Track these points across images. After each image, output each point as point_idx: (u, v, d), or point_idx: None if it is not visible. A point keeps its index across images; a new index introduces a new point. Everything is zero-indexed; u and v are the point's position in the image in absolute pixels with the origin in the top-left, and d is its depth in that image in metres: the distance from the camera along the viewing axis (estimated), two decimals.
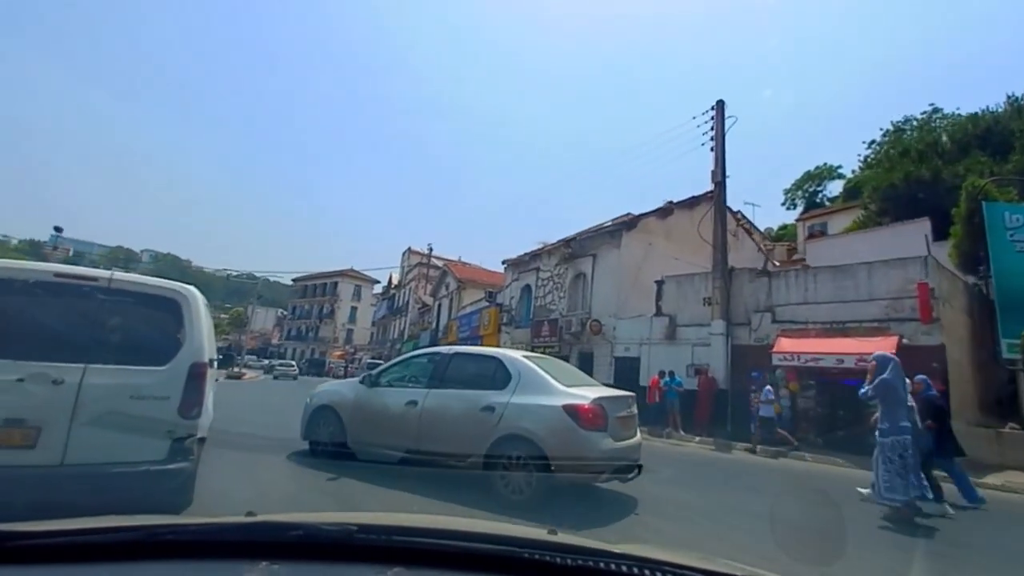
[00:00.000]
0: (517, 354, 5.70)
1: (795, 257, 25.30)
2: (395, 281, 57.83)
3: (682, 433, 12.98)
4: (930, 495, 5.93)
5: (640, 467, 5.18)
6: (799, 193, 44.24)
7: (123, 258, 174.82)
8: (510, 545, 1.15)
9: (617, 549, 1.15)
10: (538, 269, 22.25)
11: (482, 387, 5.28)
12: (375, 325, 62.92)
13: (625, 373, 16.62)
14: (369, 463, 5.61)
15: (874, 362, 6.06)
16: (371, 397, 5.98)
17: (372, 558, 1.11)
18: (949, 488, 6.58)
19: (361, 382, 6.34)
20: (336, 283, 71.01)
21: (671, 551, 1.21)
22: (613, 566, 1.07)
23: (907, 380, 6.07)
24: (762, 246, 23.10)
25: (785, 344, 12.68)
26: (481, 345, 25.69)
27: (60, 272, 3.79)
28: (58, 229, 32.85)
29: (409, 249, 54.34)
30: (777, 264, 21.51)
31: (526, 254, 23.02)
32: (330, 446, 5.99)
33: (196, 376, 3.78)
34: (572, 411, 4.76)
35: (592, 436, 4.74)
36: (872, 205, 22.10)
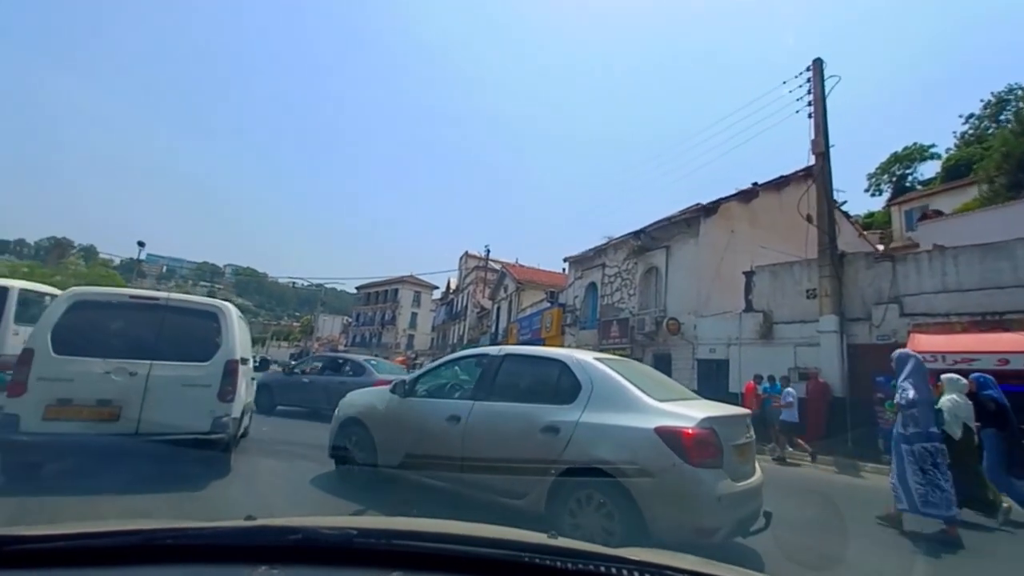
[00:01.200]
0: (587, 355, 4.28)
1: (894, 245, 21.98)
2: (453, 286, 57.55)
3: (790, 450, 10.78)
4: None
5: (769, 515, 3.73)
6: (885, 177, 40.00)
7: (209, 272, 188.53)
8: (510, 549, 1.13)
9: (617, 553, 1.13)
10: (603, 265, 20.40)
11: (543, 400, 4.01)
12: (435, 330, 62.93)
13: (710, 378, 14.49)
14: (405, 490, 4.60)
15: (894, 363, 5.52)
16: (404, 410, 4.82)
17: (372, 562, 1.09)
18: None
19: (392, 391, 5.04)
20: (396, 290, 71.91)
21: (671, 555, 1.20)
22: (614, 570, 1.05)
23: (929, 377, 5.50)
24: (862, 233, 20.08)
25: (922, 342, 10.19)
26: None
27: (134, 295, 5.44)
28: (141, 244, 34.47)
29: (466, 253, 53.78)
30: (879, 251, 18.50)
31: (590, 250, 21.24)
32: (358, 467, 4.96)
33: (230, 371, 5.11)
34: (672, 436, 3.35)
35: (702, 475, 3.30)
36: (1000, 179, 18.60)
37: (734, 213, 16.53)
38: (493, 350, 4.81)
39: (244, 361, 5.80)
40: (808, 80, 13.75)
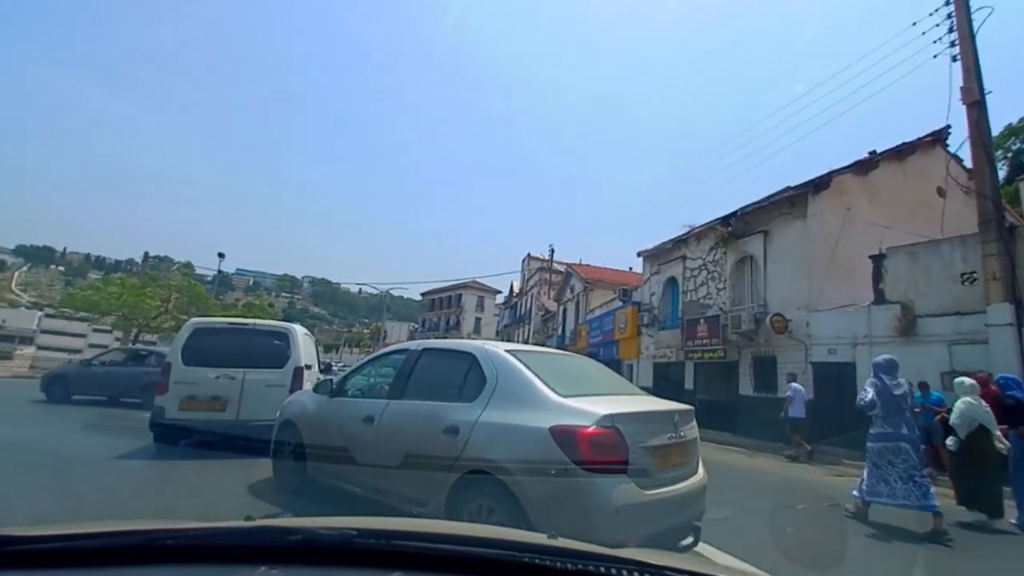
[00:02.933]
0: (501, 346, 3.87)
1: None
2: (516, 289, 56.29)
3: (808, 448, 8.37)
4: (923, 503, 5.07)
5: (697, 530, 3.20)
6: (999, 153, 34.35)
7: (288, 284, 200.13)
8: (510, 549, 1.11)
9: (617, 553, 1.11)
10: (684, 258, 18.09)
11: (450, 397, 3.65)
12: (499, 335, 61.91)
13: (830, 383, 11.93)
14: (325, 494, 4.32)
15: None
16: (329, 411, 4.55)
17: (371, 562, 1.08)
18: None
19: (315, 390, 4.86)
20: (460, 295, 71.73)
21: (671, 555, 1.21)
22: (614, 570, 1.03)
23: (903, 382, 5.59)
24: (1007, 209, 16.46)
25: None
26: (618, 352, 22.02)
27: (232, 322, 8.16)
28: (221, 255, 35.70)
29: (528, 255, 52.31)
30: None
31: (668, 242, 18.97)
32: (290, 475, 4.74)
33: (297, 375, 6.96)
34: (565, 437, 2.87)
35: (598, 482, 2.79)
36: None
37: (849, 188, 13.80)
38: (413, 345, 4.56)
39: (308, 367, 7.35)
40: (949, 16, 10.99)
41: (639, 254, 20.85)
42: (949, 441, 5.93)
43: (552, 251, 36.43)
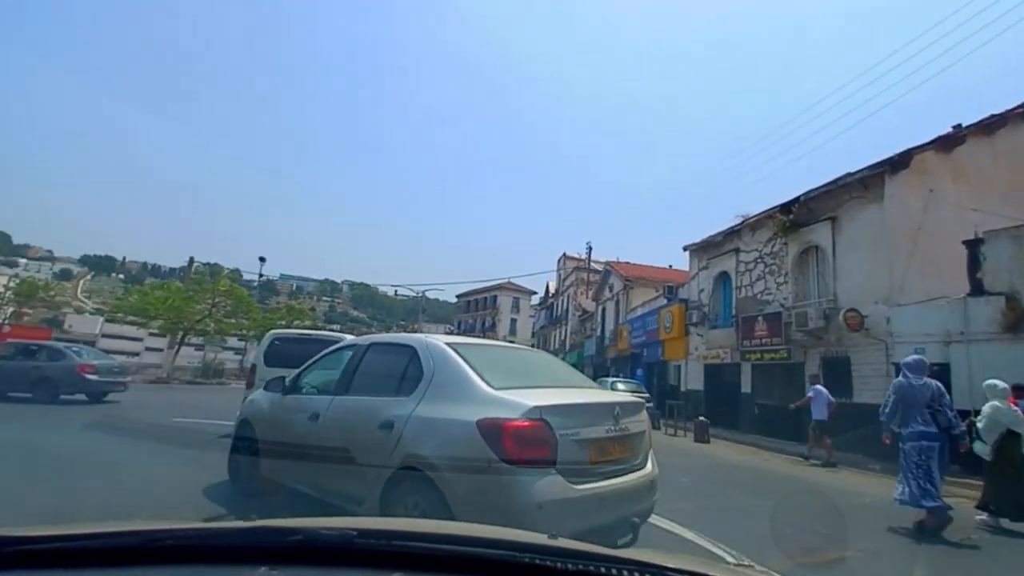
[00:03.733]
0: (442, 339, 3.65)
1: None
2: (552, 289, 55.25)
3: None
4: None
5: (636, 526, 3.05)
6: None
7: (329, 287, 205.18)
8: (510, 549, 1.09)
9: (617, 554, 1.10)
10: (737, 251, 16.71)
11: (389, 392, 3.42)
12: (535, 336, 60.98)
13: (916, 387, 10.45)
14: (289, 501, 3.95)
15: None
16: (281, 408, 4.35)
17: (372, 563, 1.07)
18: None
19: (267, 387, 4.64)
20: (495, 296, 71.23)
21: (673, 556, 1.18)
22: (615, 571, 1.01)
23: (931, 382, 5.48)
24: None
25: None
26: (663, 353, 20.74)
27: (300, 333, 9.91)
28: (262, 259, 36.21)
29: (564, 255, 51.22)
30: None
31: (718, 234, 17.61)
32: (244, 474, 4.59)
33: None
34: (490, 430, 2.70)
35: (520, 476, 2.64)
36: None
37: (931, 167, 12.21)
38: (362, 340, 4.53)
39: None
40: None
41: (685, 248, 19.53)
42: (978, 446, 5.87)
43: (590, 249, 35.34)
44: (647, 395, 17.32)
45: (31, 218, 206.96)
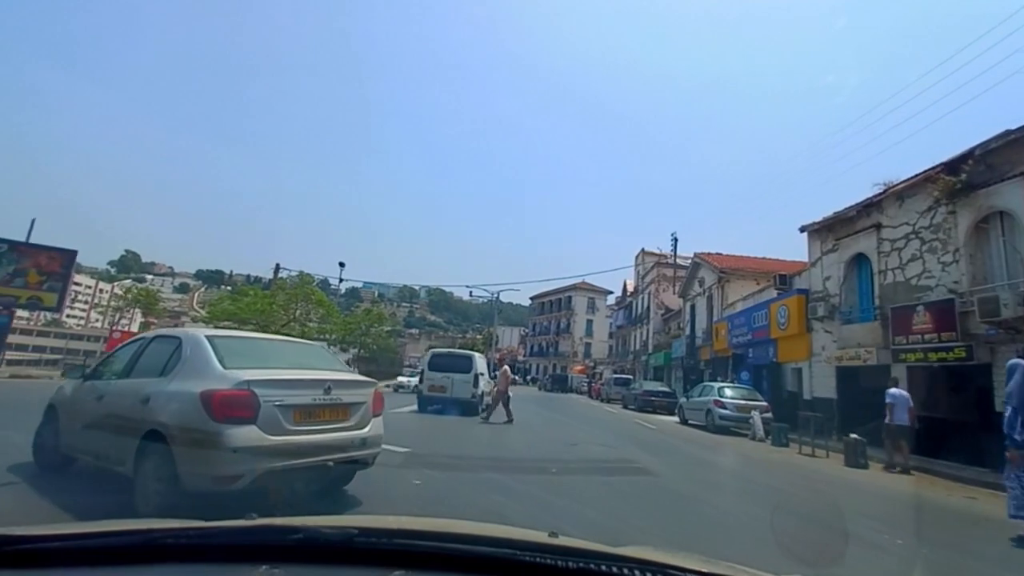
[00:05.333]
0: (206, 332, 4.42)
1: None
2: (630, 288, 52.00)
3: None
4: None
5: (330, 465, 3.93)
6: None
7: (408, 293, 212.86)
8: (510, 548, 1.10)
9: (618, 552, 1.10)
10: (879, 226, 13.40)
11: (155, 374, 4.08)
12: (612, 337, 57.89)
13: None
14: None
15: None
16: (80, 393, 4.76)
17: (373, 561, 1.07)
18: None
19: (63, 374, 5.40)
20: (570, 297, 68.79)
21: (673, 554, 1.15)
22: (615, 569, 1.02)
23: None
24: None
25: None
26: (776, 354, 17.55)
27: (449, 351, 17.27)
28: (342, 264, 36.64)
29: (642, 251, 47.89)
30: None
31: (850, 209, 14.32)
32: (46, 452, 4.86)
33: (476, 376, 14.70)
34: (206, 398, 3.55)
35: (225, 430, 3.47)
36: None
37: None
38: (150, 333, 5.01)
39: (481, 374, 15.15)
40: None
41: (802, 229, 16.31)
42: None
43: (675, 240, 32.30)
44: (765, 404, 14.43)
45: (158, 237, 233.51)
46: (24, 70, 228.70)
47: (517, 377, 59.17)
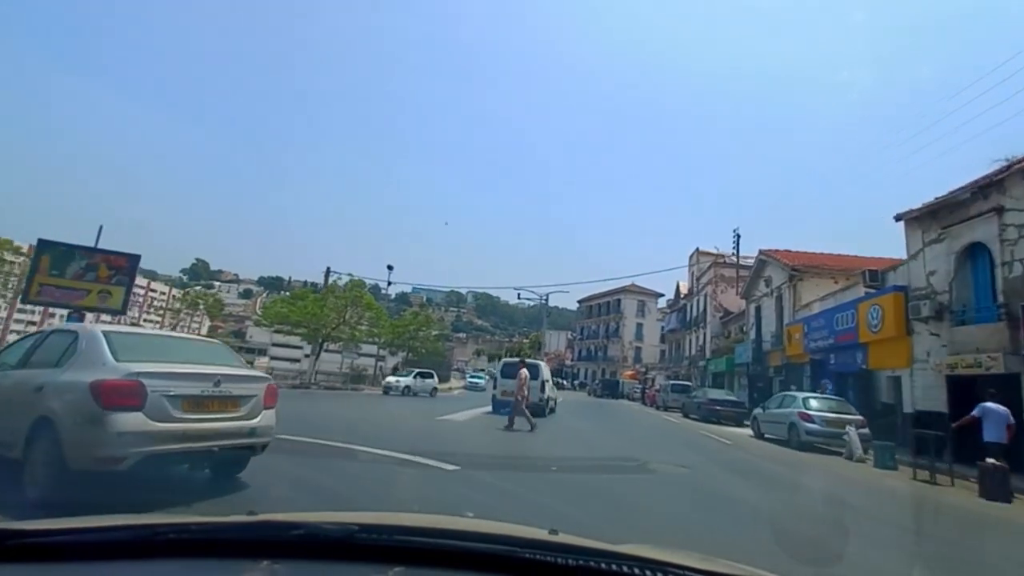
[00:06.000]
0: (101, 327, 4.88)
1: None
2: (684, 290, 49.44)
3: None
4: None
5: (215, 451, 4.21)
6: None
7: (455, 298, 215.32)
8: (511, 545, 1.10)
9: (619, 549, 1.10)
10: (1000, 210, 11.25)
11: (50, 365, 4.32)
12: (665, 341, 55.27)
13: None
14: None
15: None
16: None
17: (373, 558, 1.06)
18: None
19: None
20: (619, 300, 66.53)
21: (673, 551, 1.15)
22: (615, 566, 1.01)
23: None
24: None
25: None
26: (867, 360, 15.41)
27: (520, 360, 15.96)
28: (390, 267, 36.65)
29: (697, 251, 45.37)
30: None
31: (960, 191, 12.22)
32: None
33: (545, 380, 17.12)
34: (96, 387, 3.82)
35: (110, 416, 3.75)
36: None
37: None
38: (48, 328, 5.21)
39: (547, 380, 17.62)
40: None
41: (898, 218, 14.18)
42: None
43: (737, 237, 29.93)
44: (861, 418, 12.50)
45: (224, 246, 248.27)
46: (110, 104, 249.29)
47: (564, 381, 57.78)
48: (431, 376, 27.37)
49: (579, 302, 75.55)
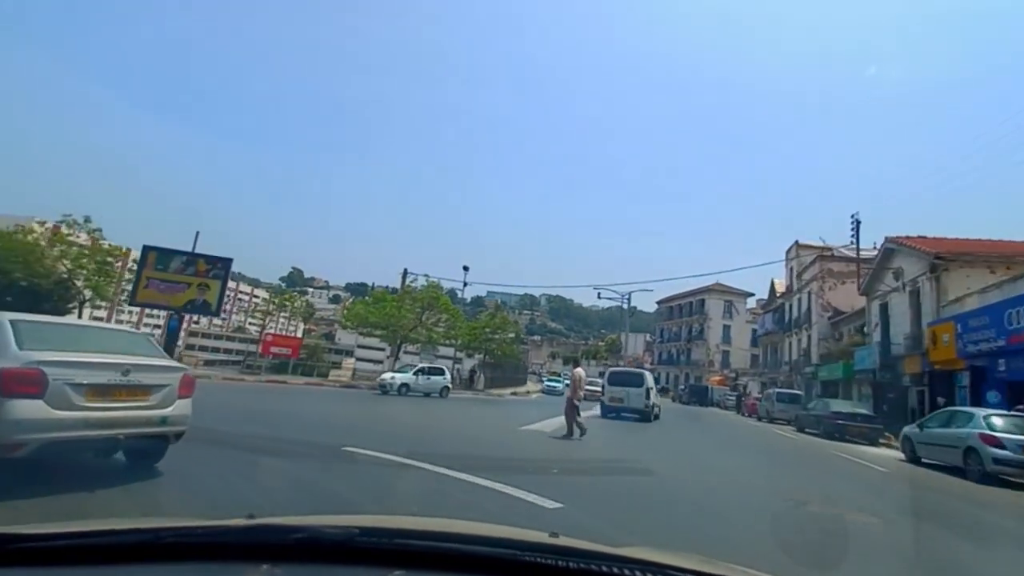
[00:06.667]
0: (9, 316, 4.49)
1: None
2: (780, 288, 44.61)
3: None
4: None
5: (121, 439, 4.29)
6: None
7: (528, 301, 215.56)
8: (511, 548, 1.09)
9: (619, 552, 1.09)
10: None
11: None
12: (760, 344, 50.29)
13: None
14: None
15: None
16: None
17: (373, 561, 1.05)
18: None
19: None
20: (703, 300, 61.93)
21: (673, 554, 1.15)
22: (615, 569, 1.00)
23: None
24: None
25: None
26: None
27: (624, 369, 22.63)
28: (465, 268, 36.09)
29: (796, 244, 40.67)
30: None
31: None
32: None
33: (648, 391, 17.57)
34: None
35: (10, 403, 3.80)
36: None
37: None
38: None
39: (651, 388, 17.81)
40: None
41: None
42: None
43: (857, 224, 25.69)
44: None
45: (316, 254, 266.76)
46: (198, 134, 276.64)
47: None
48: (441, 373, 23.45)
49: (658, 303, 71.54)
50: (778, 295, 44.84)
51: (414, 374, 22.23)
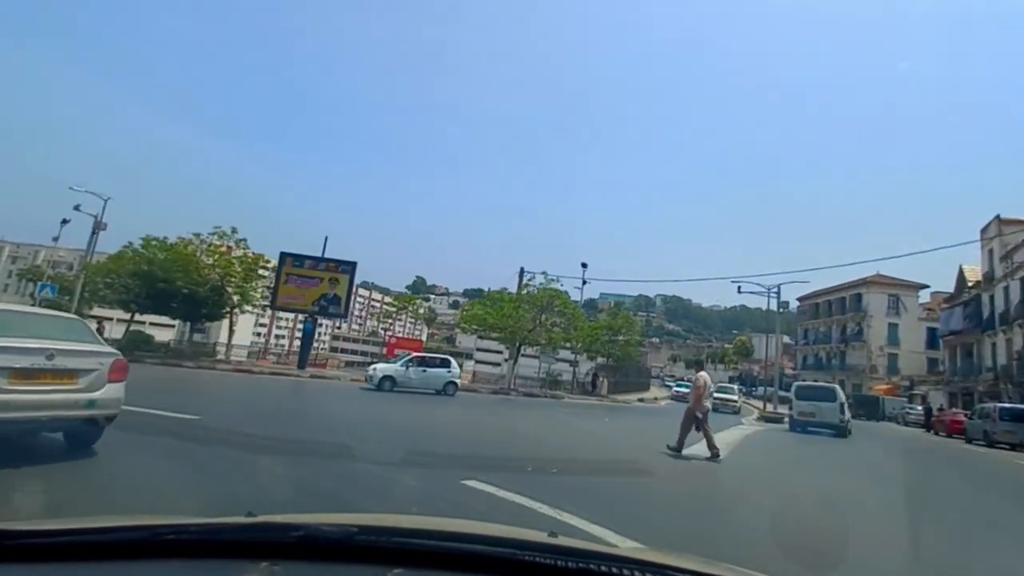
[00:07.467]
0: None
1: None
2: (973, 277, 35.70)
3: None
4: None
5: (44, 422, 4.44)
6: None
7: (643, 302, 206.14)
8: (510, 547, 1.09)
9: (617, 552, 1.10)
10: None
11: None
12: (943, 346, 40.76)
13: None
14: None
15: None
16: None
17: (372, 559, 1.05)
18: None
19: None
20: (859, 295, 52.28)
21: (673, 555, 1.15)
22: (615, 569, 1.00)
23: None
24: None
25: None
26: None
27: (808, 384, 20.81)
28: (584, 265, 34.03)
29: (997, 219, 32.20)
30: None
31: None
32: None
33: (842, 405, 16.87)
34: None
35: None
36: None
37: None
38: None
39: (843, 402, 16.89)
40: None
41: None
42: None
43: None
44: None
45: (436, 262, 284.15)
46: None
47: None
48: (447, 364, 18.27)
49: (799, 300, 62.26)
50: (970, 285, 35.94)
51: (403, 365, 17.19)
